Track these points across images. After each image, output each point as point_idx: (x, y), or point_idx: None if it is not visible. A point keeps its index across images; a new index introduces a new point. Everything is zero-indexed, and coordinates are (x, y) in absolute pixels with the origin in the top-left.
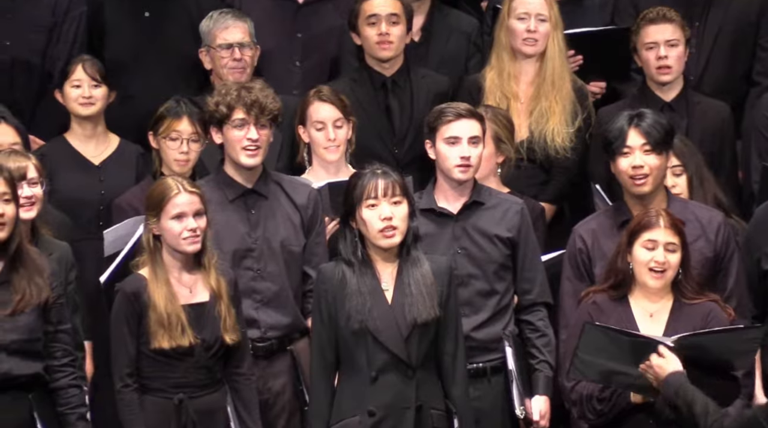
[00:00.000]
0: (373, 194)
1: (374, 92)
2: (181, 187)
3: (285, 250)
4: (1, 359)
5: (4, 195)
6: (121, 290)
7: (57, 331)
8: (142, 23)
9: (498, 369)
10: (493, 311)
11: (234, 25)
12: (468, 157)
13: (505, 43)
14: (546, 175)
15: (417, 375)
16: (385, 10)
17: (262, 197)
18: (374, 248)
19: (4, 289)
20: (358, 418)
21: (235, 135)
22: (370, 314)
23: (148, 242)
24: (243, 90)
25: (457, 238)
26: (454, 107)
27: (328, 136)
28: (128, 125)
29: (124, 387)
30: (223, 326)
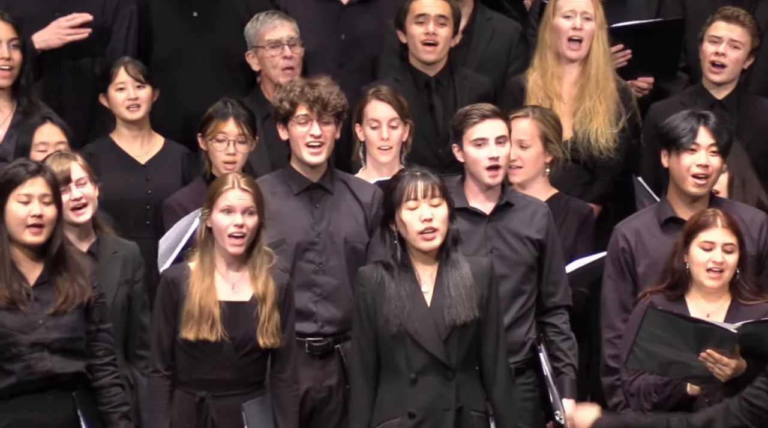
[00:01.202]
0: (413, 195)
1: (417, 92)
2: (236, 183)
3: (348, 246)
4: (44, 357)
5: (45, 197)
6: (163, 276)
7: (99, 330)
8: (190, 23)
9: (521, 371)
10: (519, 313)
11: (281, 25)
12: (496, 157)
13: (549, 43)
14: (590, 175)
15: (457, 377)
16: (434, 11)
17: (327, 192)
18: (414, 251)
19: (47, 289)
20: (399, 420)
21: (298, 131)
22: (408, 317)
23: (201, 233)
24: (307, 86)
25: (490, 238)
26: (478, 108)
27: (382, 135)
28: (174, 125)
29: (154, 372)
30: (261, 329)
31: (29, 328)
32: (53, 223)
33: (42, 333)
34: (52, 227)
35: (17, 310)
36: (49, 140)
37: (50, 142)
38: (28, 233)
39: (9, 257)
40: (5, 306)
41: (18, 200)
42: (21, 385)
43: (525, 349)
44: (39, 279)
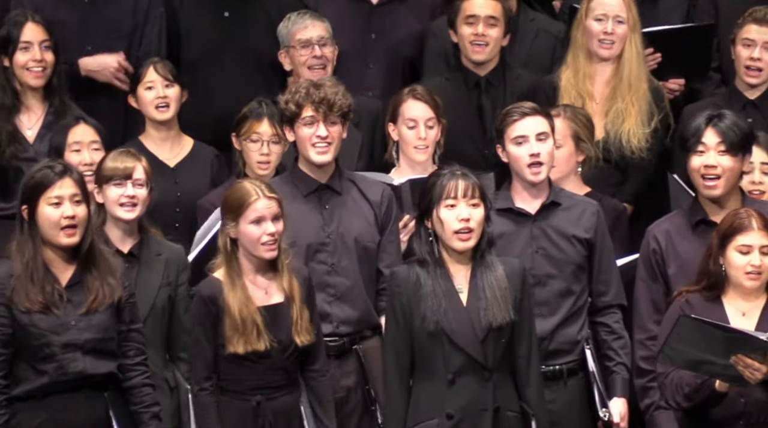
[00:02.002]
0: (452, 194)
1: (467, 92)
2: (260, 192)
3: (359, 245)
4: (76, 358)
5: (75, 196)
6: (198, 294)
7: (130, 330)
8: (221, 23)
9: (574, 372)
10: (569, 312)
11: (313, 24)
12: (537, 153)
13: (581, 43)
14: (621, 175)
15: (494, 377)
16: (483, 11)
17: (335, 192)
18: (448, 250)
19: (78, 289)
20: (436, 421)
21: (305, 132)
22: (445, 316)
23: (225, 246)
24: (312, 87)
25: (535, 238)
26: (519, 106)
27: (419, 134)
28: (205, 126)
29: (201, 390)
30: (295, 328)
31: (62, 329)
32: (85, 222)
33: (74, 334)
34: (85, 226)
35: (50, 312)
36: (83, 139)
37: (84, 141)
38: (62, 235)
39: (41, 260)
40: (38, 310)
41: (49, 203)
42: (53, 385)
43: (577, 349)
44: (71, 280)
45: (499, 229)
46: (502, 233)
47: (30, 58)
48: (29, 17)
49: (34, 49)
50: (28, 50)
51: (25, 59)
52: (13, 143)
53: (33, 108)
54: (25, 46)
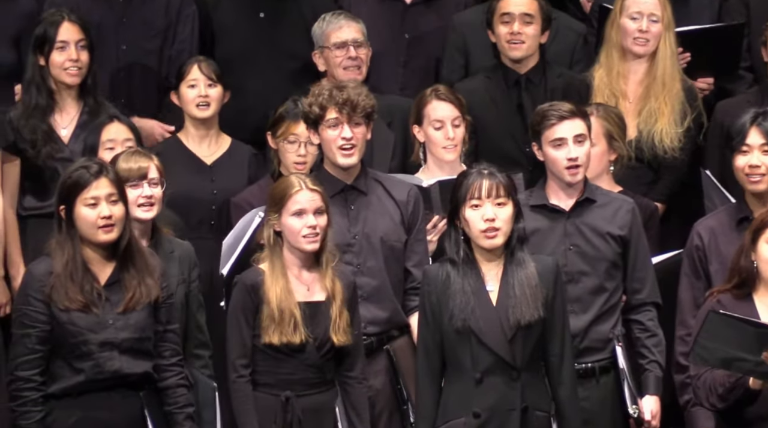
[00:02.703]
0: (476, 194)
1: (507, 90)
2: (304, 184)
3: (385, 245)
4: (113, 357)
5: (111, 196)
6: (240, 281)
7: (166, 331)
8: (257, 24)
9: (606, 369)
10: (602, 310)
11: (347, 25)
12: (575, 157)
13: (615, 41)
14: (654, 174)
15: (522, 377)
16: (518, 9)
17: (361, 193)
18: (478, 249)
19: (117, 288)
20: (464, 420)
21: (329, 135)
22: (473, 314)
23: (269, 238)
24: (335, 89)
25: (569, 235)
26: (556, 108)
27: (447, 135)
28: (240, 125)
29: (239, 377)
30: (333, 327)
31: (99, 327)
32: (123, 220)
33: (112, 333)
34: (123, 224)
35: (89, 311)
36: (116, 137)
37: (118, 139)
38: (100, 232)
39: (80, 259)
40: (77, 308)
41: (86, 203)
42: (89, 383)
43: (609, 347)
44: (110, 279)
45: (533, 225)
46: (536, 229)
47: (66, 57)
48: (66, 17)
49: (70, 48)
50: (64, 50)
51: (61, 59)
52: (49, 143)
53: (67, 108)
54: (61, 45)
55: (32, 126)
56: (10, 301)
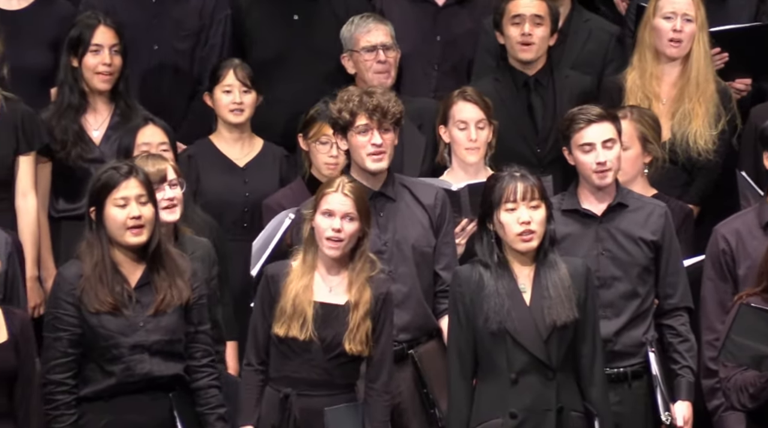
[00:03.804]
0: (512, 197)
1: (516, 92)
2: (341, 187)
3: (416, 251)
4: (143, 359)
5: (141, 197)
6: (264, 271)
7: (197, 332)
8: (290, 26)
9: (639, 374)
10: (634, 315)
11: (376, 28)
12: (604, 162)
13: (648, 43)
14: (688, 176)
15: (557, 377)
16: (529, 11)
17: (389, 199)
18: (511, 251)
19: (147, 290)
20: (500, 420)
21: (359, 141)
22: (508, 316)
23: (306, 233)
24: (365, 95)
25: (601, 239)
26: (585, 112)
27: (470, 136)
28: (273, 127)
29: (247, 365)
30: (349, 334)
31: (130, 330)
32: (152, 222)
33: (142, 336)
34: (152, 226)
35: (119, 314)
36: (151, 140)
37: (153, 142)
38: (129, 234)
39: (110, 261)
40: (107, 311)
41: (115, 204)
42: (120, 386)
43: (642, 352)
44: (140, 281)
45: (564, 230)
46: (568, 234)
47: (100, 61)
48: (101, 20)
49: (104, 52)
50: (98, 53)
51: (94, 62)
52: (80, 143)
53: (99, 110)
54: (95, 49)
55: (63, 126)
56: (43, 302)
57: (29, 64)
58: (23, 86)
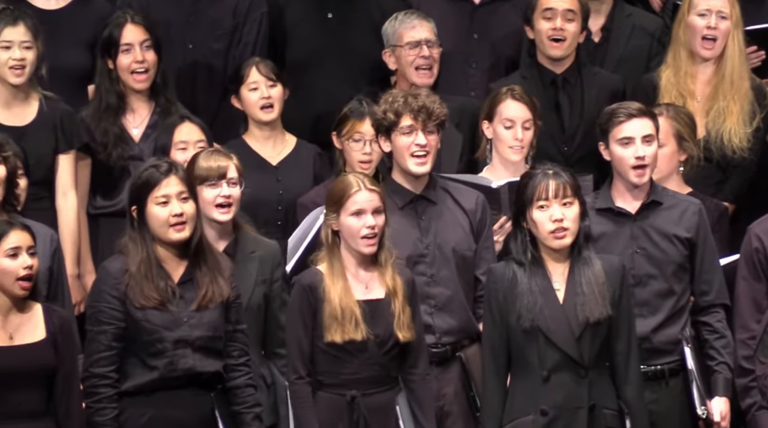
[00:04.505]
0: (544, 195)
1: (544, 90)
2: (362, 184)
3: (457, 255)
4: (186, 354)
5: (182, 194)
6: (298, 282)
7: (235, 330)
8: (325, 24)
9: (676, 372)
10: (670, 312)
11: (420, 24)
12: (643, 156)
13: (683, 40)
14: (723, 174)
15: (589, 375)
16: (561, 5)
17: (431, 203)
18: (545, 248)
19: (190, 286)
20: (531, 417)
21: (403, 142)
22: (541, 313)
23: (327, 238)
24: (410, 97)
25: (636, 238)
26: (625, 107)
27: (516, 135)
28: (308, 125)
29: (298, 379)
30: (397, 323)
31: (174, 325)
32: (194, 218)
33: (186, 331)
34: (194, 222)
35: (164, 309)
36: (188, 138)
37: (190, 140)
38: (172, 231)
39: (154, 257)
40: (153, 306)
41: (156, 202)
42: (162, 381)
43: (678, 349)
44: (183, 277)
45: (599, 229)
46: (603, 233)
47: (132, 59)
48: (129, 18)
49: (135, 50)
50: (129, 52)
51: (128, 61)
52: (120, 145)
53: (138, 109)
54: (126, 47)
55: (103, 129)
56: (83, 300)
57: (67, 64)
58: (61, 86)
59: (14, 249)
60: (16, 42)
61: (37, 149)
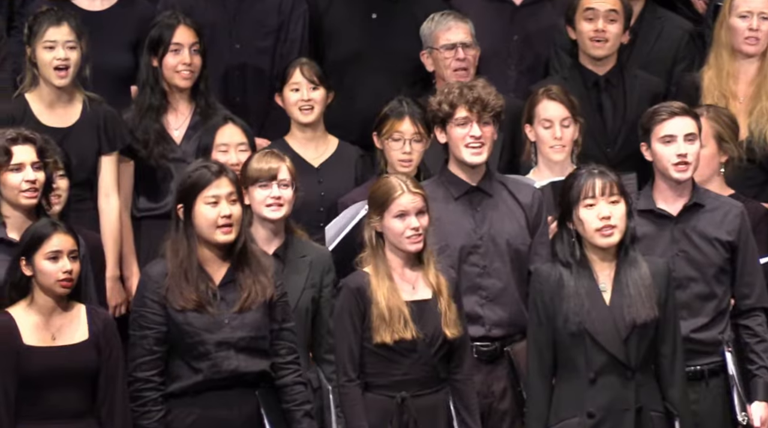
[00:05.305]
0: (590, 193)
1: (586, 91)
2: (405, 187)
3: (511, 248)
4: (230, 356)
5: (231, 196)
6: (345, 286)
7: (282, 329)
8: (369, 24)
9: (716, 372)
10: (711, 315)
11: (456, 26)
12: (685, 154)
13: (725, 41)
14: (765, 175)
15: (636, 377)
16: (603, 6)
17: (486, 195)
18: (592, 249)
19: (231, 288)
20: (578, 419)
21: (458, 133)
22: (588, 316)
23: (371, 239)
24: (465, 88)
25: (677, 240)
26: (668, 105)
27: (555, 134)
28: (351, 126)
29: (348, 381)
30: (444, 321)
31: (216, 327)
32: (240, 221)
33: (227, 333)
34: (240, 225)
35: (204, 311)
36: (230, 140)
37: (231, 143)
38: (219, 233)
39: (196, 259)
40: (193, 308)
41: (206, 202)
42: (207, 383)
43: (718, 350)
44: (224, 279)
45: (640, 231)
46: (644, 235)
47: (180, 60)
48: (181, 20)
49: (184, 52)
50: (178, 53)
51: (174, 62)
52: (161, 143)
53: (180, 109)
54: (175, 48)
55: (145, 126)
56: (125, 301)
57: (111, 65)
58: (105, 87)
59: (55, 252)
60: (60, 42)
61: (80, 151)
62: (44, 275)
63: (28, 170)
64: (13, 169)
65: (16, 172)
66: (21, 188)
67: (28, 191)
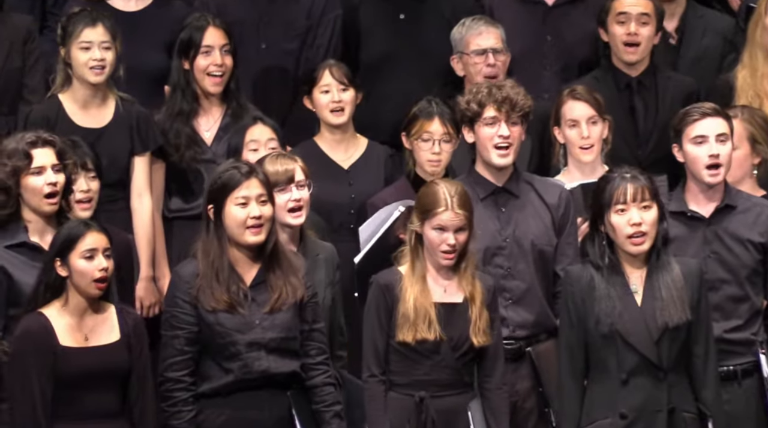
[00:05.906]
0: (622, 199)
1: (618, 93)
2: (450, 204)
3: (535, 249)
4: (260, 356)
5: (261, 197)
6: (375, 281)
7: (312, 330)
8: (397, 25)
9: (749, 372)
10: (743, 316)
11: (487, 31)
12: (717, 154)
13: (759, 41)
14: None
15: (668, 378)
16: (636, 9)
17: (512, 195)
18: (623, 253)
19: (262, 289)
20: (610, 420)
21: (486, 133)
22: (619, 317)
23: (411, 240)
24: (494, 88)
25: (709, 242)
26: (699, 106)
27: (582, 134)
28: (381, 127)
29: (371, 377)
30: (473, 328)
31: (246, 328)
32: (270, 222)
33: (258, 333)
34: (270, 225)
35: (235, 312)
36: (260, 138)
37: (261, 140)
38: (249, 233)
39: (227, 260)
40: (224, 309)
41: (236, 202)
42: (238, 383)
43: (751, 350)
44: (255, 279)
45: (672, 233)
46: (675, 237)
47: (211, 62)
48: (211, 22)
49: (214, 53)
50: (209, 55)
51: (206, 63)
52: (193, 146)
53: (211, 111)
54: (206, 50)
55: (176, 130)
56: (158, 302)
57: (145, 65)
58: (139, 87)
59: (90, 251)
60: (95, 43)
61: (113, 151)
62: (80, 274)
63: (49, 172)
64: (34, 172)
65: (38, 175)
66: (43, 192)
67: (50, 196)
